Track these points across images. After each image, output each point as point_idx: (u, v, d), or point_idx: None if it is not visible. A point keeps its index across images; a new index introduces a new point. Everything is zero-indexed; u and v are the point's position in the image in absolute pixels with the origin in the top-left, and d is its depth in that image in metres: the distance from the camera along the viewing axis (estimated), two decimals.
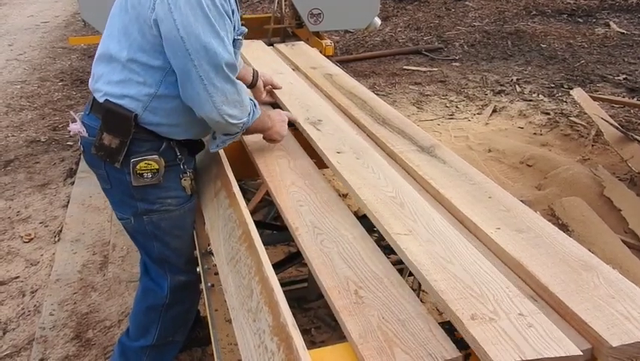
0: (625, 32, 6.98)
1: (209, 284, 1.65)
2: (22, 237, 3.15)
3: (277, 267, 2.12)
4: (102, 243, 3.05)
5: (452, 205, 1.52)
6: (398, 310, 1.15)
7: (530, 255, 1.28)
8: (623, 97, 4.96)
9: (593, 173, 3.40)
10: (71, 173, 3.84)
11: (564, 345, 1.03)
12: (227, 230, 1.52)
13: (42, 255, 3.00)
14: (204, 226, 1.74)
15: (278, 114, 1.85)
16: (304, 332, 2.32)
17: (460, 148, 4.03)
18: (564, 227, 2.85)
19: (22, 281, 2.80)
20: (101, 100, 1.55)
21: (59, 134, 4.54)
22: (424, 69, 5.89)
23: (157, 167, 1.58)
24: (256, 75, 2.10)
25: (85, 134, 1.62)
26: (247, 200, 1.66)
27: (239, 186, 1.66)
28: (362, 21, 4.37)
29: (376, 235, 1.53)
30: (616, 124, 3.77)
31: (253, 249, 1.34)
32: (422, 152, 1.83)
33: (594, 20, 7.58)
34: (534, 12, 8.06)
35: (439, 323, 1.13)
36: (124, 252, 2.96)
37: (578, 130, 4.34)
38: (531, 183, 3.58)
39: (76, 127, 1.64)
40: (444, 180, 1.64)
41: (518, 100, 5.01)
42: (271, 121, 1.79)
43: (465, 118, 4.64)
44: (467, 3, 8.58)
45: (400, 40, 6.97)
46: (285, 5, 4.47)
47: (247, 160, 1.90)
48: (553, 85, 5.35)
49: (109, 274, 2.80)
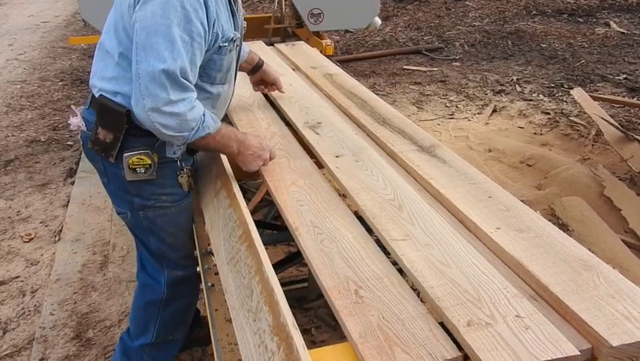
0: (625, 32, 6.98)
1: (209, 284, 1.65)
2: (22, 236, 3.15)
3: (277, 267, 2.12)
4: (102, 243, 3.05)
5: (452, 205, 1.52)
6: (398, 309, 1.15)
7: (530, 255, 1.29)
8: (624, 97, 4.96)
9: (593, 173, 3.40)
10: (71, 173, 3.85)
11: (561, 346, 1.03)
12: (227, 230, 1.52)
13: (42, 255, 3.00)
14: (204, 226, 1.74)
15: (255, 145, 1.64)
16: (304, 332, 2.32)
17: (460, 148, 4.03)
18: (564, 227, 2.85)
19: (22, 281, 2.80)
20: (97, 95, 1.57)
21: (59, 133, 4.54)
22: (424, 69, 5.89)
23: (149, 162, 1.58)
24: (259, 65, 2.09)
25: (84, 128, 1.63)
26: (247, 200, 1.66)
27: (239, 185, 1.67)
28: (362, 21, 4.37)
29: (376, 235, 1.53)
30: (616, 124, 3.77)
31: (253, 249, 1.34)
32: (422, 152, 1.83)
33: (594, 20, 7.58)
34: (534, 12, 8.06)
35: (440, 323, 1.14)
36: (124, 252, 2.96)
37: (578, 130, 4.34)
38: (531, 182, 3.58)
39: (76, 121, 1.66)
40: (444, 180, 1.64)
41: (518, 100, 5.01)
42: (239, 147, 1.62)
43: (465, 118, 4.64)
44: (467, 3, 8.58)
45: (400, 39, 6.97)
46: (286, 5, 4.47)
47: None
48: (553, 85, 5.35)
49: (109, 273, 2.80)
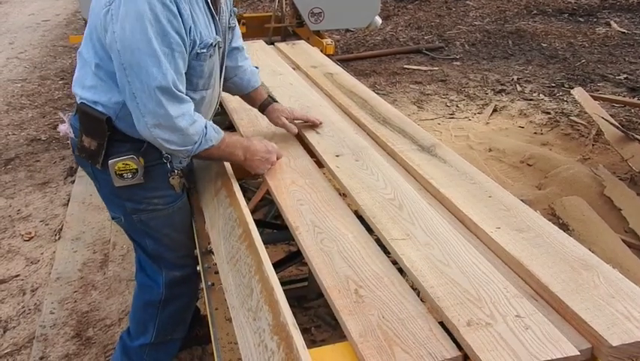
0: (626, 32, 6.98)
1: (209, 283, 1.65)
2: (22, 235, 3.15)
3: (277, 266, 2.12)
4: (102, 241, 3.06)
5: (452, 205, 1.52)
6: (398, 309, 1.15)
7: (530, 254, 1.29)
8: (624, 96, 4.96)
9: (594, 172, 3.40)
10: (72, 171, 3.85)
11: (561, 346, 1.03)
12: (227, 229, 1.52)
13: (42, 253, 3.00)
14: (204, 225, 1.74)
15: (261, 149, 1.66)
16: (304, 331, 2.32)
17: (461, 147, 4.03)
18: (564, 226, 2.85)
19: (22, 280, 2.80)
20: (79, 103, 1.55)
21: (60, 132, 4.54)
22: (425, 68, 5.89)
23: (135, 167, 1.55)
24: (267, 103, 1.94)
25: (72, 135, 1.62)
26: (247, 199, 1.66)
27: (239, 185, 1.67)
28: (363, 20, 4.37)
29: (377, 235, 1.53)
30: (616, 123, 3.77)
31: (253, 248, 1.34)
32: (422, 151, 1.83)
33: (595, 20, 7.57)
34: (535, 11, 8.05)
35: (439, 323, 1.14)
36: (124, 250, 2.96)
37: (579, 129, 4.34)
38: (531, 182, 3.58)
39: (64, 128, 1.64)
40: (444, 180, 1.64)
41: (519, 99, 5.01)
42: (245, 153, 1.63)
43: (465, 117, 4.64)
44: (468, 2, 8.57)
45: (401, 39, 6.97)
46: (286, 4, 4.48)
47: None
48: (553, 84, 5.34)
49: (109, 272, 2.80)
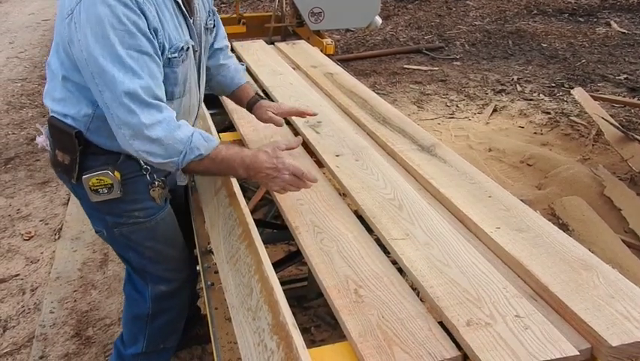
0: (626, 32, 6.98)
1: (209, 283, 1.65)
2: (22, 234, 3.15)
3: (277, 265, 2.12)
4: (102, 241, 3.03)
5: (452, 205, 1.52)
6: (398, 309, 1.15)
7: (530, 254, 1.29)
8: (624, 96, 4.95)
9: (594, 172, 3.40)
10: None
11: (560, 346, 1.03)
12: (227, 228, 1.52)
13: (42, 253, 3.00)
14: (204, 225, 1.74)
15: (267, 165, 1.42)
16: (304, 331, 2.32)
17: (461, 147, 4.03)
18: (564, 226, 2.85)
19: (22, 279, 2.80)
20: (49, 116, 1.49)
21: None
22: (425, 68, 5.89)
23: (110, 182, 1.48)
24: (254, 101, 1.83)
25: (49, 148, 1.56)
26: (247, 199, 1.66)
27: (239, 184, 1.67)
28: (363, 20, 4.37)
29: (376, 234, 1.53)
30: (616, 124, 3.77)
31: (253, 247, 1.34)
32: (422, 151, 1.83)
33: (595, 20, 7.57)
34: (535, 11, 8.05)
35: (439, 323, 1.14)
36: None
37: (579, 130, 4.34)
38: (531, 182, 3.58)
39: (41, 140, 1.58)
40: (444, 180, 1.64)
41: (519, 99, 5.01)
42: (248, 171, 1.42)
43: (465, 117, 4.64)
44: (468, 2, 8.57)
45: (401, 39, 6.96)
46: (286, 4, 4.47)
47: None
48: (554, 84, 5.34)
49: (109, 272, 2.80)
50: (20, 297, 2.68)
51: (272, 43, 3.29)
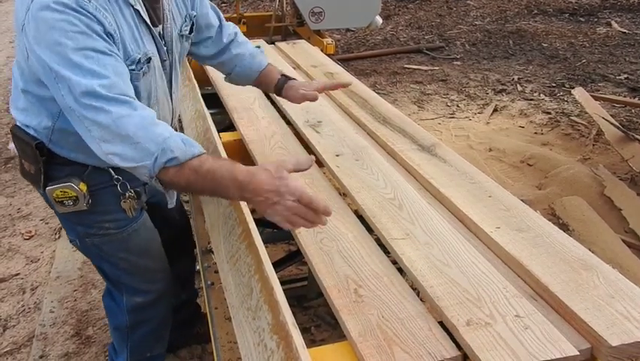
0: (627, 32, 6.97)
1: (209, 282, 1.65)
2: (22, 234, 3.15)
3: (277, 265, 2.12)
4: None
5: (452, 204, 1.52)
6: (398, 309, 1.15)
7: (530, 254, 1.29)
8: (625, 96, 4.95)
9: (594, 172, 3.40)
10: None
11: (560, 346, 1.03)
12: (227, 228, 1.52)
13: (42, 252, 3.00)
14: (204, 224, 1.74)
15: (267, 188, 1.13)
16: (304, 331, 2.32)
17: (461, 147, 4.03)
18: (564, 226, 2.85)
19: (22, 278, 2.80)
20: (14, 125, 1.45)
21: None
22: (425, 68, 5.89)
23: (74, 194, 1.42)
24: (282, 83, 1.75)
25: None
26: None
27: None
28: (363, 19, 4.37)
29: (376, 234, 1.53)
30: (617, 123, 3.77)
31: (253, 247, 1.34)
32: (423, 151, 1.83)
33: (596, 19, 7.57)
34: (535, 11, 8.05)
35: (439, 322, 1.14)
36: None
37: (579, 129, 4.34)
38: (532, 182, 3.57)
39: (13, 147, 1.53)
40: (444, 179, 1.64)
41: (519, 99, 5.01)
42: (242, 192, 1.17)
43: (466, 117, 4.64)
44: (469, 2, 8.57)
45: (401, 38, 6.96)
46: (287, 4, 4.47)
47: (247, 158, 1.90)
48: (554, 84, 5.34)
49: None
50: (20, 296, 2.68)
51: (272, 42, 3.29)
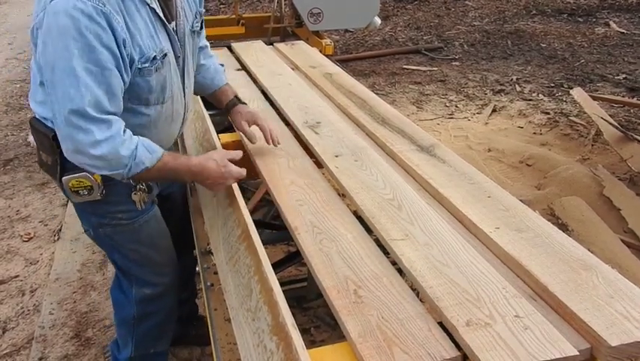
0: (625, 32, 6.98)
1: (208, 283, 1.65)
2: (21, 236, 3.15)
3: (276, 266, 2.12)
4: None
5: (451, 205, 1.52)
6: (397, 309, 1.15)
7: (529, 254, 1.29)
8: (623, 96, 4.96)
9: (593, 172, 3.40)
10: None
11: (560, 346, 1.03)
12: (226, 229, 1.52)
13: (41, 254, 3.00)
14: (204, 226, 1.74)
15: (214, 174, 1.51)
16: (303, 332, 2.32)
17: (460, 147, 4.03)
18: (563, 227, 2.85)
19: (21, 280, 2.80)
20: (32, 117, 1.52)
21: None
22: (424, 68, 5.89)
23: (89, 184, 1.48)
24: (232, 104, 1.84)
25: None
26: (247, 199, 1.66)
27: (238, 185, 1.67)
28: (362, 20, 4.38)
29: (376, 235, 1.53)
30: (615, 124, 3.77)
31: (252, 248, 1.34)
32: (422, 151, 1.83)
33: (594, 20, 7.58)
34: (534, 11, 8.05)
35: (439, 323, 1.14)
36: None
37: (578, 130, 4.34)
38: (531, 182, 3.58)
39: (32, 139, 1.60)
40: (443, 180, 1.64)
41: (518, 99, 5.01)
42: (194, 178, 1.53)
43: (465, 117, 4.64)
44: (467, 2, 8.57)
45: (400, 39, 6.96)
46: (285, 4, 4.47)
47: (246, 159, 1.90)
48: (553, 84, 5.35)
49: (108, 273, 2.80)
50: (19, 298, 2.67)
51: (271, 43, 3.29)
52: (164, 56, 1.44)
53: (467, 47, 6.59)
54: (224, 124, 2.41)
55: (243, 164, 1.94)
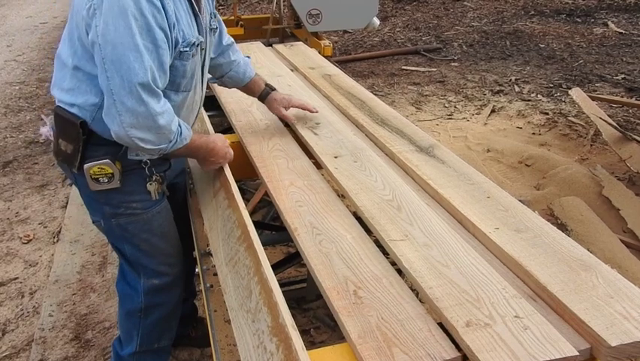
0: (623, 32, 6.99)
1: (208, 285, 1.65)
2: (21, 238, 3.15)
3: (276, 267, 2.12)
4: (101, 243, 3.05)
5: (451, 205, 1.52)
6: (397, 310, 1.15)
7: (529, 254, 1.29)
8: (622, 97, 4.96)
9: (592, 172, 3.40)
10: None
11: (560, 346, 1.03)
12: (226, 230, 1.52)
13: (41, 256, 3.00)
14: (203, 227, 1.74)
15: (220, 154, 1.71)
16: (303, 333, 2.32)
17: (459, 148, 4.03)
18: (563, 227, 2.85)
19: (21, 282, 2.79)
20: (56, 105, 1.55)
21: None
22: (423, 69, 5.89)
23: (111, 171, 1.54)
24: (265, 93, 1.99)
25: (52, 138, 1.61)
26: (246, 200, 1.66)
27: (238, 186, 1.67)
28: (361, 21, 4.38)
29: (375, 235, 1.53)
30: (614, 124, 3.77)
31: (252, 249, 1.34)
32: (421, 152, 1.83)
33: (592, 20, 7.59)
34: (532, 12, 8.07)
35: (438, 324, 1.14)
36: None
37: (577, 130, 4.34)
38: (530, 182, 3.58)
39: (45, 130, 1.64)
40: (443, 180, 1.64)
41: (517, 100, 5.02)
42: (206, 155, 1.68)
43: (464, 118, 4.65)
44: (466, 3, 8.58)
45: (399, 40, 6.97)
46: (284, 6, 4.48)
47: (246, 160, 1.90)
48: (551, 85, 5.35)
49: (108, 274, 2.80)
50: (19, 300, 2.67)
51: (270, 44, 3.30)
52: (198, 44, 1.55)
53: (466, 48, 6.60)
54: (223, 125, 2.41)
55: (243, 164, 1.96)
